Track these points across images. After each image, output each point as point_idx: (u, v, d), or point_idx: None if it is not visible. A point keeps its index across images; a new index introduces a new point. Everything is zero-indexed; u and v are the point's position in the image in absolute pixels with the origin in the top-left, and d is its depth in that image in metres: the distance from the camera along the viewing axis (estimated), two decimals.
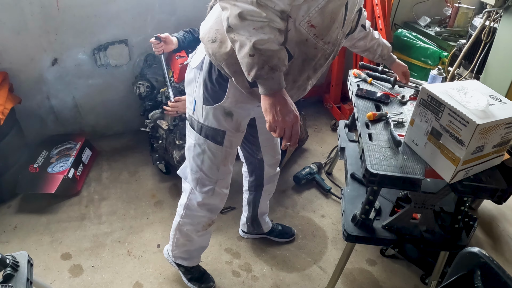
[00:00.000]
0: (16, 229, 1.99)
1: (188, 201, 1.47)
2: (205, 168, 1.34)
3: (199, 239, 1.58)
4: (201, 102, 1.22)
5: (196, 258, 1.68)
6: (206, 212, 1.47)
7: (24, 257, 1.13)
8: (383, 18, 2.49)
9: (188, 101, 1.31)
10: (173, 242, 1.60)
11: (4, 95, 2.03)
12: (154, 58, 2.49)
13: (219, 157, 1.32)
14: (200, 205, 1.44)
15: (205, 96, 1.21)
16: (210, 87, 1.19)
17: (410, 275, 1.82)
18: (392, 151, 1.30)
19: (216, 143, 1.28)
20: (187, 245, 1.59)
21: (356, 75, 1.83)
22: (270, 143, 1.58)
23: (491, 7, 1.74)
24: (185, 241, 1.58)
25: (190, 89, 1.27)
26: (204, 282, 1.70)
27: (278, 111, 0.98)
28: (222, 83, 1.17)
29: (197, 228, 1.52)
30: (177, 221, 1.54)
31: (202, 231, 1.54)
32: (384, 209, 1.54)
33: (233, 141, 1.31)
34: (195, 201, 1.44)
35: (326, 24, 1.04)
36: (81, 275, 1.75)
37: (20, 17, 2.10)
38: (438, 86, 1.22)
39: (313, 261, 1.87)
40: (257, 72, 0.93)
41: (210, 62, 1.16)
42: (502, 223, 2.13)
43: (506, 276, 0.71)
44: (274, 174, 1.72)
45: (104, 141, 2.67)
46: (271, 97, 0.98)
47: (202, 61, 1.19)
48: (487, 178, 1.23)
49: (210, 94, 1.20)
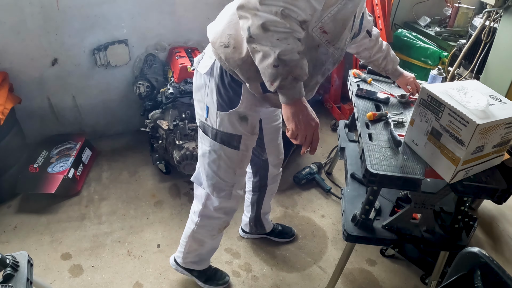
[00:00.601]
0: (16, 229, 1.99)
1: (203, 208, 1.45)
2: (222, 173, 1.33)
3: (212, 242, 1.58)
4: (215, 108, 1.20)
5: (208, 260, 1.68)
6: (223, 215, 1.47)
7: (24, 257, 1.13)
8: (383, 18, 2.49)
9: (198, 108, 1.29)
10: (185, 249, 1.59)
11: (4, 95, 2.03)
12: (154, 58, 2.50)
13: (236, 161, 1.31)
14: (217, 209, 1.44)
15: (219, 102, 1.19)
16: (224, 93, 1.17)
17: (410, 275, 1.82)
18: (392, 151, 1.30)
19: (232, 147, 1.27)
20: (199, 250, 1.59)
21: (356, 75, 1.83)
22: (274, 143, 1.58)
23: (491, 7, 1.74)
24: (198, 246, 1.57)
25: (200, 95, 1.25)
26: (220, 278, 1.71)
27: (300, 120, 1.00)
28: (235, 88, 1.16)
29: (212, 232, 1.52)
30: (191, 228, 1.52)
31: (217, 234, 1.54)
32: (384, 209, 1.54)
33: (248, 144, 1.30)
34: (212, 206, 1.43)
35: (338, 30, 1.05)
36: (81, 275, 1.75)
37: (20, 17, 2.10)
38: (438, 86, 1.22)
39: (313, 261, 1.87)
40: (281, 83, 0.93)
41: (221, 67, 1.14)
42: (502, 223, 2.13)
43: (506, 276, 0.71)
44: (277, 174, 1.73)
45: (104, 141, 2.67)
46: (292, 106, 0.99)
47: (212, 66, 1.17)
48: (487, 178, 1.23)
49: (224, 100, 1.18)
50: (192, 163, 2.08)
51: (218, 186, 1.36)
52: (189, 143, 2.10)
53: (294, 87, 0.96)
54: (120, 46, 2.39)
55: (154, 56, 2.50)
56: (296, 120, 1.00)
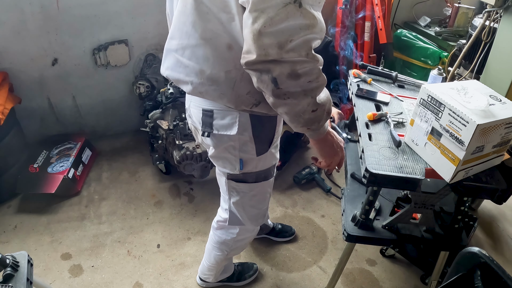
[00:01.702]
0: (16, 229, 1.98)
1: (237, 236, 1.41)
2: (263, 204, 1.31)
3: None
4: (254, 155, 1.12)
5: (232, 264, 1.68)
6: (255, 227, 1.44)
7: (24, 257, 1.13)
8: (383, 18, 2.49)
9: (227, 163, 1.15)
10: (217, 271, 1.58)
11: (4, 95, 2.03)
12: (154, 58, 2.50)
13: (271, 185, 1.28)
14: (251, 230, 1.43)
15: (257, 149, 1.10)
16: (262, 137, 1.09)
17: (410, 275, 1.82)
18: (392, 151, 1.29)
19: (271, 177, 1.24)
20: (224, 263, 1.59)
21: (356, 75, 1.83)
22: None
23: (491, 7, 1.74)
24: (225, 262, 1.57)
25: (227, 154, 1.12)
26: (249, 270, 1.73)
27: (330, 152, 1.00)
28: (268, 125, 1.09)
29: (244, 247, 1.52)
30: (222, 255, 1.48)
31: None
32: (384, 209, 1.54)
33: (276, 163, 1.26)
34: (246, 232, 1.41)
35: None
36: (81, 275, 1.75)
37: (20, 17, 2.10)
38: (438, 86, 1.22)
39: (313, 261, 1.87)
40: (320, 124, 0.89)
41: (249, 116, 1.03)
42: (502, 223, 2.13)
43: (506, 276, 0.71)
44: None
45: (104, 141, 2.67)
46: (322, 141, 0.98)
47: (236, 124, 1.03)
48: (487, 178, 1.23)
49: (263, 143, 1.10)
50: (192, 163, 2.08)
51: (261, 215, 1.34)
52: (189, 143, 2.10)
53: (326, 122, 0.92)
54: (120, 46, 2.39)
55: (154, 56, 2.50)
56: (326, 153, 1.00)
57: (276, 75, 0.77)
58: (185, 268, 1.80)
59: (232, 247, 1.45)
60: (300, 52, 0.76)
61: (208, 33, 0.89)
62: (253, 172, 1.16)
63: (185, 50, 0.94)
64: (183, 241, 1.93)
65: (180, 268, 1.81)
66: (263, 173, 1.18)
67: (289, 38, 0.74)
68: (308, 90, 0.81)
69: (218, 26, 0.87)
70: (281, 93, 0.80)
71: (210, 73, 0.93)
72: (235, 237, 1.41)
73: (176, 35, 0.96)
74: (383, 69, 1.85)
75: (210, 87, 0.95)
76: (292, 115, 0.86)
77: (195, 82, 0.96)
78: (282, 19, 0.72)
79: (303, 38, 0.75)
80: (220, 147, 1.11)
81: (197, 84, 0.96)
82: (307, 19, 0.75)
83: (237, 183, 1.19)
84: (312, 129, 0.90)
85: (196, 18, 0.89)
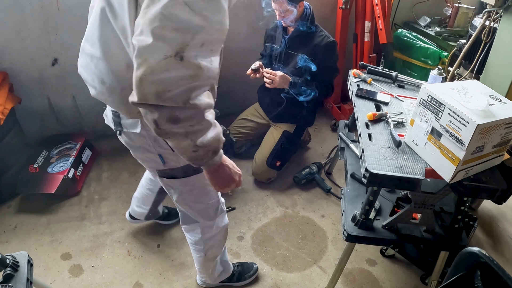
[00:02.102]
0: (16, 229, 1.99)
1: (203, 234, 1.44)
2: (207, 197, 1.32)
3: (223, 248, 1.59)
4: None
5: (229, 262, 1.69)
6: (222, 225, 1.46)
7: (24, 257, 1.13)
8: (383, 18, 2.49)
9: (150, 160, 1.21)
10: (208, 272, 1.60)
11: (4, 95, 2.03)
12: None
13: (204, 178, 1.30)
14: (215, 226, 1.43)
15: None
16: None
17: (410, 275, 1.82)
18: (392, 151, 1.30)
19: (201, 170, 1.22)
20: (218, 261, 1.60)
21: (356, 75, 1.83)
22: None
23: (491, 7, 1.74)
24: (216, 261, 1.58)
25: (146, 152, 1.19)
26: (249, 270, 1.75)
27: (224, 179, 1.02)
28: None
29: (221, 244, 1.52)
30: (202, 256, 1.51)
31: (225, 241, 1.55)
32: (384, 209, 1.54)
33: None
34: (209, 228, 1.43)
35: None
36: (81, 275, 1.75)
37: (20, 17, 2.10)
38: (438, 86, 1.22)
39: (313, 261, 1.87)
40: (203, 161, 0.92)
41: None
42: (502, 223, 2.13)
43: (506, 276, 0.71)
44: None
45: (104, 141, 2.67)
46: (211, 172, 1.00)
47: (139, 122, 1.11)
48: (487, 178, 1.23)
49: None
50: None
51: (212, 208, 1.37)
52: None
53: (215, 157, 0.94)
54: None
55: None
56: (221, 182, 1.02)
57: (156, 118, 0.79)
58: (185, 268, 1.80)
59: (205, 247, 1.48)
60: (177, 101, 0.76)
61: (110, 50, 0.94)
62: (179, 167, 1.19)
63: (93, 58, 0.99)
64: (183, 241, 1.93)
65: (180, 268, 1.81)
66: (191, 166, 1.19)
67: (167, 88, 0.74)
68: (190, 132, 0.83)
69: (119, 45, 0.91)
70: (163, 132, 0.82)
71: (109, 86, 0.98)
72: (202, 236, 1.44)
73: (89, 40, 1.01)
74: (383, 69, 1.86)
75: (108, 97, 1.02)
76: (177, 150, 0.89)
77: (98, 89, 1.03)
78: (161, 69, 0.73)
79: (183, 88, 0.76)
80: (135, 145, 1.20)
81: (99, 91, 1.03)
82: (189, 70, 0.75)
83: (169, 179, 1.23)
84: (196, 164, 0.93)
85: (101, 33, 0.93)
